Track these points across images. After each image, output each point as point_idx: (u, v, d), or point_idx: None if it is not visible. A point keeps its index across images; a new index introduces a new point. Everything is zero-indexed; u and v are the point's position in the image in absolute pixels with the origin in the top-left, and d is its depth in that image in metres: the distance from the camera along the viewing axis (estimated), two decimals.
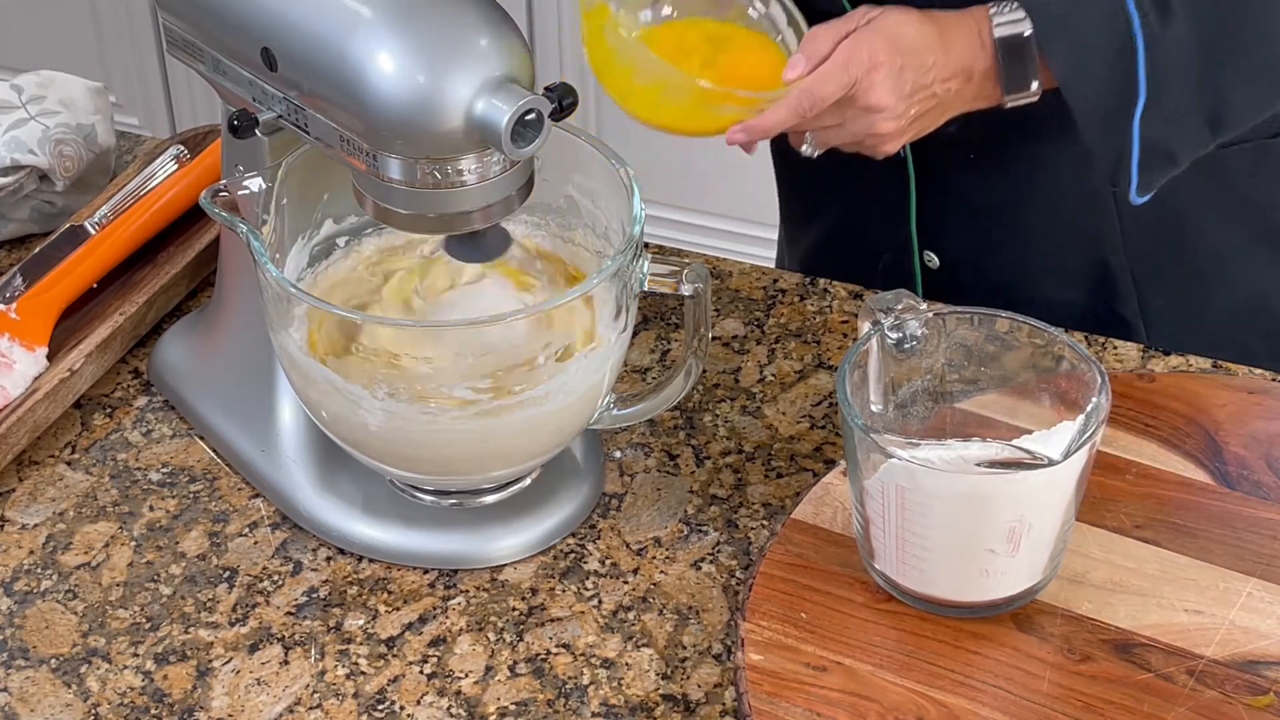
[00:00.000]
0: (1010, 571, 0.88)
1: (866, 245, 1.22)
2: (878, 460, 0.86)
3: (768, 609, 0.91)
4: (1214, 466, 0.98)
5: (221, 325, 1.05)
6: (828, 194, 1.24)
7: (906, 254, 1.19)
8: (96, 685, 0.90)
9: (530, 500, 0.98)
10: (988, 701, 0.86)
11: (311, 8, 0.85)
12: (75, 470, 1.03)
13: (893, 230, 1.19)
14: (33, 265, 1.11)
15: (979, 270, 1.18)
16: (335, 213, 0.99)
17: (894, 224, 1.18)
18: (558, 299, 0.92)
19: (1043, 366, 0.91)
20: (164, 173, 1.18)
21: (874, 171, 1.14)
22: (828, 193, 1.24)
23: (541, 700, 0.89)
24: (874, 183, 1.17)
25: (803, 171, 1.23)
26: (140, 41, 2.65)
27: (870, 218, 1.21)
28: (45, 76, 1.23)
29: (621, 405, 0.97)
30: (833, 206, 1.24)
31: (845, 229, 1.24)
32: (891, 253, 1.20)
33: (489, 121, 0.83)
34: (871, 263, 1.22)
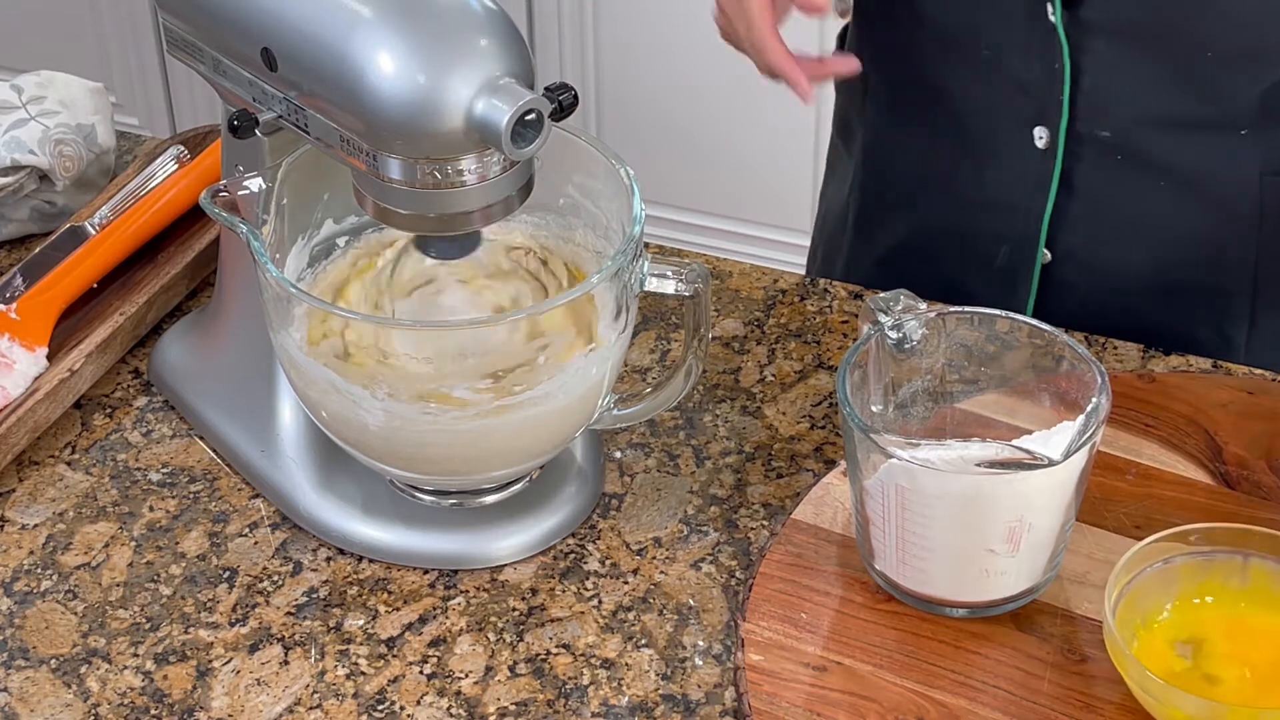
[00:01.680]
0: (1010, 571, 0.88)
1: (980, 237, 1.17)
2: (878, 460, 0.86)
3: (768, 609, 0.91)
4: (1214, 466, 0.98)
5: (221, 325, 1.05)
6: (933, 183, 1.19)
7: (1031, 246, 1.15)
8: (96, 685, 0.90)
9: (530, 500, 0.98)
10: (988, 701, 0.86)
11: (311, 8, 0.85)
12: (75, 470, 1.03)
13: (1022, 221, 1.15)
14: (33, 265, 1.11)
15: (1090, 270, 1.15)
16: (335, 213, 0.99)
17: (1025, 214, 1.15)
18: (558, 299, 0.92)
19: (1043, 366, 0.91)
20: (164, 173, 1.18)
21: (1012, 156, 1.12)
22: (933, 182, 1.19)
23: (541, 700, 0.89)
24: (1010, 168, 1.14)
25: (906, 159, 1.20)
26: (140, 41, 2.65)
27: (995, 207, 1.16)
28: (45, 76, 1.23)
29: (621, 405, 0.97)
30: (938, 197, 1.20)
31: (952, 222, 1.19)
32: (1012, 245, 1.16)
33: (489, 121, 0.83)
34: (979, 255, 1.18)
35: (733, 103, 2.37)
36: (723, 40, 1.10)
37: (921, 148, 1.17)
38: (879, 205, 1.25)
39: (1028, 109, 1.11)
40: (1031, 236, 1.15)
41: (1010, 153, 1.13)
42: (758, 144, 2.39)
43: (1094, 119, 1.09)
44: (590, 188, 0.97)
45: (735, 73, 2.48)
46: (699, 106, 2.39)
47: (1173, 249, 1.13)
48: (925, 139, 1.18)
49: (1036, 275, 1.16)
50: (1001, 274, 1.17)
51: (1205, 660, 0.85)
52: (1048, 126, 1.11)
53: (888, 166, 1.23)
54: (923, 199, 1.21)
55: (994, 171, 1.15)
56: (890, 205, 1.24)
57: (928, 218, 1.21)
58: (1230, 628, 0.86)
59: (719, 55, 2.39)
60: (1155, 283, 1.14)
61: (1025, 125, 1.12)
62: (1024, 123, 1.12)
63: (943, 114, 1.16)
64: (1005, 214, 1.15)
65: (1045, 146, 1.11)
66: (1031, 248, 1.15)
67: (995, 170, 1.15)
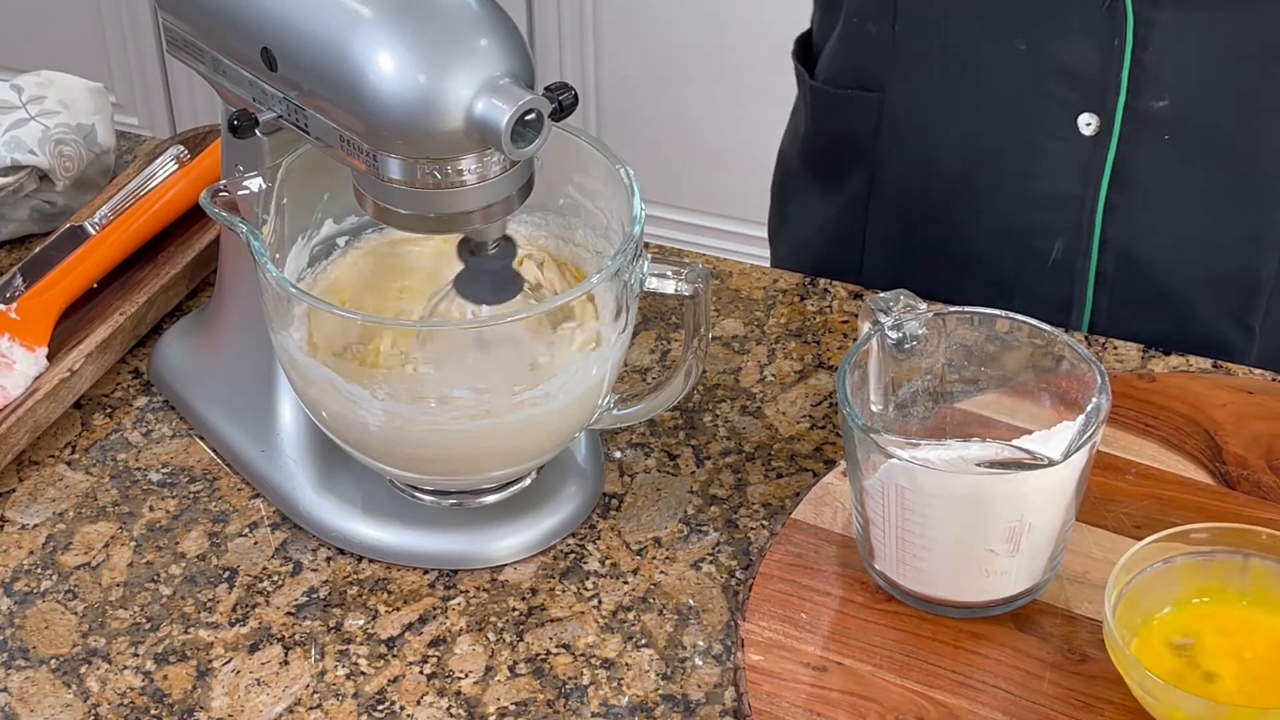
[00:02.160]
0: (1010, 571, 0.88)
1: (1033, 233, 1.15)
2: (878, 460, 0.86)
3: (768, 609, 0.91)
4: (1214, 466, 0.98)
5: (221, 325, 1.05)
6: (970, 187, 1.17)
7: (1085, 238, 1.13)
8: (96, 685, 0.90)
9: (530, 500, 0.98)
10: (988, 701, 0.86)
11: (311, 8, 0.85)
12: (75, 470, 1.03)
13: (1075, 213, 1.13)
14: (33, 265, 1.11)
15: (1131, 261, 1.14)
16: (335, 213, 0.99)
17: (1078, 205, 1.12)
18: (558, 299, 0.92)
19: (1043, 366, 0.91)
20: (164, 173, 1.18)
21: (1059, 149, 1.10)
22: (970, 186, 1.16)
23: (541, 700, 0.89)
24: (1058, 162, 1.12)
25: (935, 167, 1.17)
26: (140, 41, 2.65)
27: (1043, 203, 1.14)
28: (45, 76, 1.23)
29: (621, 405, 0.97)
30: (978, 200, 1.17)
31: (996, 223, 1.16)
32: (1065, 239, 1.14)
33: (489, 121, 0.83)
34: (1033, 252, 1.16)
35: (733, 103, 2.37)
36: None
37: (956, 155, 1.13)
38: (913, 219, 1.21)
39: (1073, 97, 1.09)
40: (1085, 228, 1.13)
41: (1056, 144, 1.10)
42: (758, 144, 2.38)
43: (1152, 92, 1.07)
44: (590, 188, 0.97)
45: (735, 73, 2.48)
46: (699, 106, 2.39)
47: (1212, 235, 1.12)
48: (960, 145, 1.15)
49: (1093, 269, 1.14)
50: (1058, 269, 1.15)
51: (1203, 656, 0.85)
52: (1099, 112, 1.08)
53: (918, 177, 1.19)
54: (965, 206, 1.18)
55: (1040, 166, 1.12)
56: (922, 223, 1.20)
57: (974, 222, 1.18)
58: (1228, 625, 0.86)
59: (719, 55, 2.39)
60: (1192, 272, 1.13)
61: (1070, 114, 1.09)
62: (1069, 111, 1.09)
63: (978, 115, 1.13)
64: (1055, 208, 1.13)
65: (1095, 133, 1.09)
66: (1086, 239, 1.13)
67: (1041, 164, 1.12)
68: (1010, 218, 1.15)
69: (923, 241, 1.21)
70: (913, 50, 1.14)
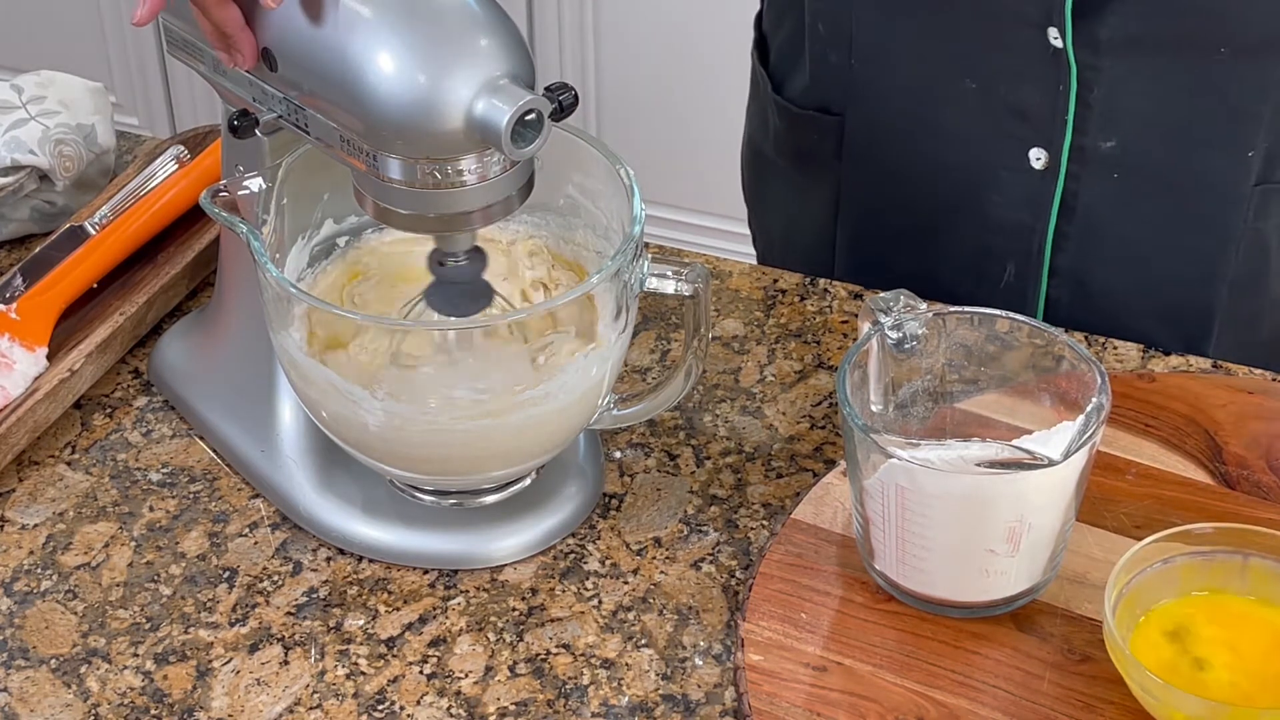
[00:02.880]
0: (1010, 571, 0.88)
1: (987, 257, 1.17)
2: (878, 460, 0.86)
3: (768, 609, 0.91)
4: (1214, 466, 0.98)
5: (221, 325, 1.05)
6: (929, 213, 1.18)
7: (1035, 266, 1.15)
8: (96, 685, 0.90)
9: (530, 500, 0.98)
10: (988, 701, 0.86)
11: (311, 8, 0.85)
12: (75, 470, 1.03)
13: (1025, 241, 1.14)
14: (33, 265, 1.11)
15: (1081, 289, 1.15)
16: (335, 213, 0.99)
17: (1028, 234, 1.14)
18: (558, 299, 0.92)
19: (1043, 366, 0.91)
20: (164, 173, 1.18)
21: (1011, 180, 1.12)
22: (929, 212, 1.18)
23: (541, 700, 0.89)
24: (1009, 192, 1.13)
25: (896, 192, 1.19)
26: (140, 41, 2.65)
27: (996, 230, 1.15)
28: (45, 76, 1.23)
29: (621, 405, 0.97)
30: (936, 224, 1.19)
31: (952, 247, 1.18)
32: (1016, 263, 1.16)
33: (489, 121, 0.83)
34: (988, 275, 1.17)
35: (733, 103, 2.37)
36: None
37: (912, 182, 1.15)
38: (875, 239, 1.23)
39: (1023, 132, 1.11)
40: (1034, 255, 1.15)
41: (1007, 177, 1.12)
42: None
43: (1099, 133, 1.09)
44: (590, 188, 0.97)
45: (735, 73, 2.48)
46: (699, 106, 2.39)
47: (1161, 269, 1.14)
48: (916, 173, 1.16)
49: (1043, 293, 1.16)
50: (1009, 293, 1.16)
51: (1195, 644, 0.85)
52: (1047, 148, 1.10)
53: (876, 200, 1.21)
54: (919, 228, 1.19)
55: (991, 196, 1.14)
56: (884, 234, 1.22)
57: (927, 244, 1.20)
58: (1225, 617, 0.86)
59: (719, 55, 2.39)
60: (1144, 303, 1.15)
61: (1021, 148, 1.11)
62: (1019, 146, 1.11)
63: (929, 148, 1.15)
64: (1007, 235, 1.15)
65: (1044, 167, 1.11)
66: (1036, 266, 1.15)
67: (992, 195, 1.14)
68: (967, 241, 1.17)
69: (888, 251, 1.22)
70: (870, 79, 1.15)
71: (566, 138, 0.95)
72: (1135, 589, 0.86)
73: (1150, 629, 0.86)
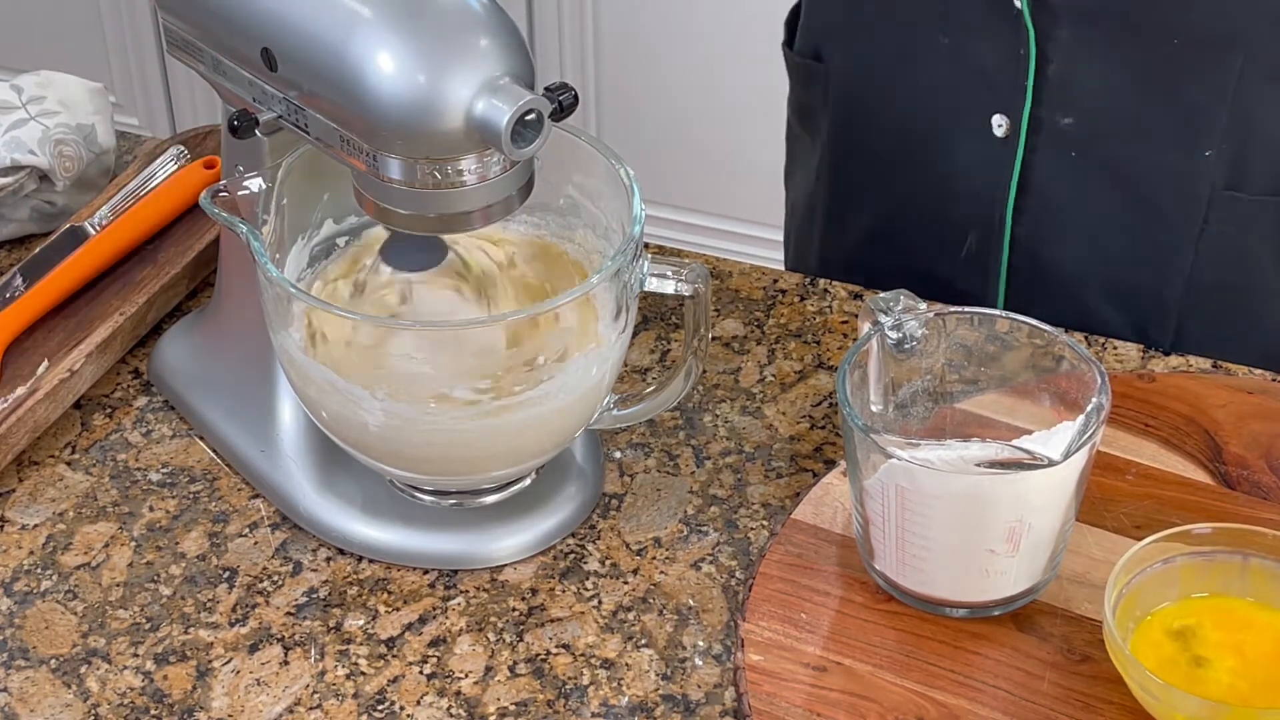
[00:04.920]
0: (1010, 571, 0.88)
1: (948, 225, 1.18)
2: (878, 460, 0.86)
3: (768, 609, 0.91)
4: (1214, 466, 0.98)
5: (221, 325, 1.05)
6: (899, 170, 1.19)
7: (996, 237, 1.15)
8: (96, 685, 0.90)
9: (530, 500, 0.98)
10: (988, 701, 0.86)
11: (311, 8, 0.85)
12: (75, 470, 1.03)
13: (985, 210, 1.15)
14: (33, 265, 1.11)
15: (1043, 263, 1.16)
16: (335, 213, 0.99)
17: (988, 203, 1.14)
18: (558, 299, 0.92)
19: (1043, 366, 0.91)
20: (164, 173, 1.18)
21: (972, 144, 1.12)
22: (899, 169, 1.19)
23: (541, 700, 0.89)
24: (970, 157, 1.14)
25: (871, 146, 1.20)
26: (140, 41, 2.65)
27: (958, 196, 1.16)
28: (45, 77, 1.23)
29: (621, 405, 0.97)
30: (904, 184, 1.20)
31: (918, 210, 1.19)
32: (978, 234, 1.16)
33: (489, 121, 0.83)
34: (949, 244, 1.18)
35: (732, 103, 2.37)
36: None
37: (884, 135, 1.16)
38: (848, 194, 1.24)
39: (987, 96, 1.11)
40: (996, 226, 1.15)
41: (971, 141, 1.13)
42: (757, 144, 2.39)
43: (1057, 107, 1.09)
44: (590, 188, 0.97)
45: (735, 73, 2.48)
46: (699, 106, 2.39)
47: (1115, 251, 1.14)
48: (887, 127, 1.18)
49: (1004, 266, 1.16)
50: (971, 264, 1.17)
51: (1197, 644, 0.85)
52: (1008, 115, 1.11)
53: (854, 154, 1.22)
54: (890, 187, 1.21)
55: (956, 160, 1.15)
56: (859, 193, 1.24)
57: (896, 206, 1.21)
58: (1227, 619, 0.87)
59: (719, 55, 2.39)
60: (1097, 282, 1.15)
61: (985, 112, 1.12)
62: (983, 110, 1.12)
63: (903, 101, 1.16)
64: (969, 203, 1.16)
65: (1005, 135, 1.11)
66: (997, 238, 1.15)
67: (957, 158, 1.15)
68: (931, 209, 1.18)
69: (858, 219, 1.24)
70: (857, 26, 1.17)
71: (566, 138, 0.95)
72: (1135, 589, 0.86)
73: (1153, 629, 0.86)
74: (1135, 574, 0.86)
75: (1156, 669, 0.82)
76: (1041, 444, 0.91)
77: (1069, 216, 1.14)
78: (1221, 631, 0.86)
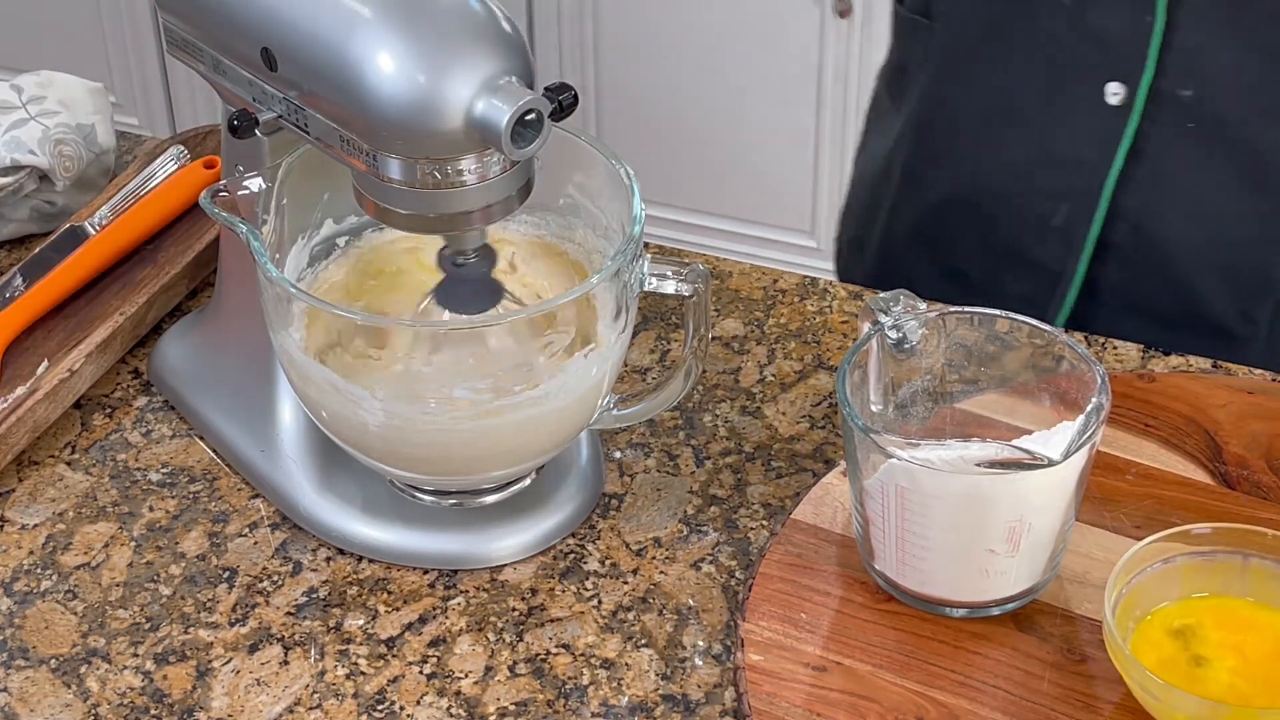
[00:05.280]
0: (1010, 571, 0.88)
1: (1038, 194, 1.15)
2: (878, 460, 0.86)
3: (768, 609, 0.91)
4: (1214, 466, 0.98)
5: (221, 325, 1.05)
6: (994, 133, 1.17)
7: (1091, 207, 1.13)
8: (96, 685, 0.90)
9: (530, 500, 0.98)
10: (988, 701, 0.86)
11: (311, 8, 0.85)
12: (75, 470, 1.03)
13: (1085, 180, 1.13)
14: (33, 265, 1.11)
15: (1143, 236, 1.13)
16: (335, 213, 0.99)
17: (1090, 173, 1.12)
18: (558, 299, 0.92)
19: (1043, 366, 0.91)
20: (164, 173, 1.18)
21: (1081, 112, 1.10)
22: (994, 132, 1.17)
23: (541, 700, 0.89)
24: (1078, 124, 1.12)
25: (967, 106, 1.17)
26: (140, 41, 2.65)
27: (1057, 164, 1.14)
28: (45, 76, 1.23)
29: (621, 405, 0.97)
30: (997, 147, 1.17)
31: (1009, 174, 1.16)
32: (1072, 204, 1.14)
33: (489, 121, 0.83)
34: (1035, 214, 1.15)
35: (733, 103, 2.37)
36: None
37: (984, 96, 1.14)
38: (930, 156, 1.22)
39: (1104, 62, 1.09)
40: (1093, 197, 1.13)
41: (1080, 108, 1.11)
42: (758, 144, 2.39)
43: (1179, 78, 1.07)
44: (590, 188, 0.97)
45: (735, 73, 2.48)
46: (699, 106, 2.39)
47: (1226, 227, 1.12)
48: (989, 88, 1.16)
49: (1093, 239, 1.14)
50: (1058, 234, 1.15)
51: (1197, 643, 0.85)
52: (1125, 83, 1.09)
53: (945, 115, 1.20)
54: (980, 151, 1.18)
55: (1061, 126, 1.13)
56: (942, 156, 1.21)
57: (985, 169, 1.18)
58: (1228, 620, 0.87)
59: (719, 55, 2.39)
60: (1203, 257, 1.13)
61: (1099, 79, 1.10)
62: (1098, 76, 1.10)
63: (1011, 62, 1.14)
64: (1069, 170, 1.13)
65: (1119, 103, 1.09)
66: (1091, 209, 1.13)
67: (1062, 125, 1.13)
68: (1024, 174, 1.16)
69: (939, 182, 1.21)
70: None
71: (566, 138, 0.95)
72: (1135, 589, 0.86)
73: (1153, 629, 0.86)
74: (1135, 574, 0.86)
75: (1156, 669, 0.82)
76: (1041, 444, 0.91)
77: (1180, 189, 1.11)
78: (1221, 631, 0.86)
